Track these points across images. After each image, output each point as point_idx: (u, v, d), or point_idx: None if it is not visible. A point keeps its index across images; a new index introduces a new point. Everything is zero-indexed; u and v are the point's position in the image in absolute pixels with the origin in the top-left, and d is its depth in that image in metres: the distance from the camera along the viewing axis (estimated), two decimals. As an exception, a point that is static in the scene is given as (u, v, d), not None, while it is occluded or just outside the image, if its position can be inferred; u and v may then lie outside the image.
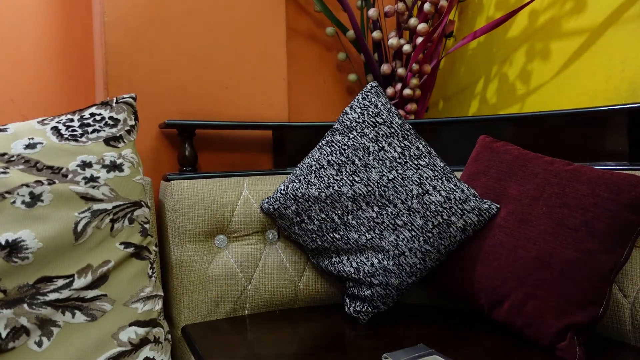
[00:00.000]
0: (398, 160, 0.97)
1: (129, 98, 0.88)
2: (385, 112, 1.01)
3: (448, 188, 0.95)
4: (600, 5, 1.10)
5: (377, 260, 0.95)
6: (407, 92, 1.30)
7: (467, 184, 0.97)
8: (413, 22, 1.29)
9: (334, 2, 1.40)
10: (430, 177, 0.96)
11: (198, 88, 1.18)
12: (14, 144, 0.75)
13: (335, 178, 0.98)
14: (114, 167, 0.80)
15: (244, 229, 1.04)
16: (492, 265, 0.89)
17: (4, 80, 1.12)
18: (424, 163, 0.97)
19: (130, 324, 0.75)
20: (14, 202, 0.70)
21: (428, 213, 0.93)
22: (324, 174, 0.99)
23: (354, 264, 0.98)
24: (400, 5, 1.29)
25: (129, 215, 0.80)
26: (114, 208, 0.78)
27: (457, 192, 0.94)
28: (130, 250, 0.78)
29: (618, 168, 0.91)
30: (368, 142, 0.99)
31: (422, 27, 1.27)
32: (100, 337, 0.72)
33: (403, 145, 0.98)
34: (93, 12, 1.17)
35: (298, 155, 1.20)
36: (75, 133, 0.80)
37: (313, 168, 1.01)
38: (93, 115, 0.84)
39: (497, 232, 0.90)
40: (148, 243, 0.82)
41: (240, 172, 1.09)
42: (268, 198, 1.04)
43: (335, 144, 1.00)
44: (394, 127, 1.00)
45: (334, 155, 0.99)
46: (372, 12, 1.31)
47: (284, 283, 1.05)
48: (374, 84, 1.04)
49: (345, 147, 0.99)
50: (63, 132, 0.80)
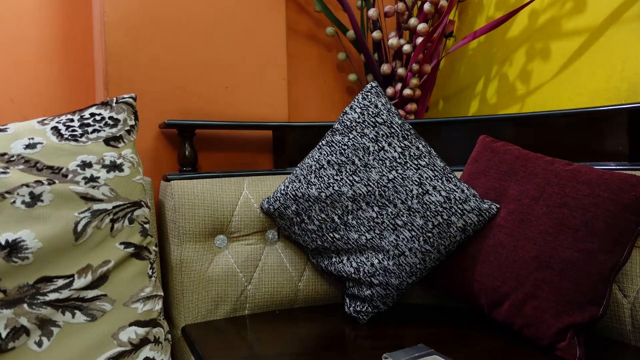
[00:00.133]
0: (398, 160, 0.97)
1: (129, 98, 0.88)
2: (385, 112, 1.01)
3: (448, 188, 0.95)
4: (600, 5, 1.10)
5: (377, 260, 0.95)
6: (407, 92, 1.30)
7: (467, 184, 0.97)
8: (413, 22, 1.29)
9: (334, 2, 1.40)
10: (430, 177, 0.96)
11: (198, 88, 1.18)
12: (14, 144, 0.75)
13: (335, 178, 0.98)
14: (114, 167, 0.80)
15: (244, 229, 1.04)
16: (492, 265, 0.89)
17: (4, 81, 1.13)
18: (424, 163, 0.97)
19: (130, 324, 0.75)
20: (14, 202, 0.70)
21: (428, 213, 0.93)
22: (324, 174, 0.99)
23: (354, 264, 0.98)
24: (400, 5, 1.29)
25: (129, 215, 0.80)
26: (114, 208, 0.78)
27: (457, 192, 0.94)
28: (130, 250, 0.78)
29: (618, 168, 0.91)
30: (368, 142, 0.99)
31: (422, 27, 1.27)
32: (100, 337, 0.72)
33: (403, 145, 0.98)
34: (93, 12, 1.17)
35: (298, 155, 1.20)
36: (75, 133, 0.80)
37: (313, 168, 1.01)
38: (93, 115, 0.84)
39: (497, 232, 0.90)
40: (148, 243, 0.82)
41: (240, 172, 1.09)
42: (268, 198, 1.04)
43: (335, 144, 1.00)
44: (394, 127, 1.00)
45: (334, 155, 0.99)
46: (372, 12, 1.31)
47: (284, 283, 1.05)
48: (374, 84, 1.04)
49: (345, 147, 0.99)
50: (63, 132, 0.80)
